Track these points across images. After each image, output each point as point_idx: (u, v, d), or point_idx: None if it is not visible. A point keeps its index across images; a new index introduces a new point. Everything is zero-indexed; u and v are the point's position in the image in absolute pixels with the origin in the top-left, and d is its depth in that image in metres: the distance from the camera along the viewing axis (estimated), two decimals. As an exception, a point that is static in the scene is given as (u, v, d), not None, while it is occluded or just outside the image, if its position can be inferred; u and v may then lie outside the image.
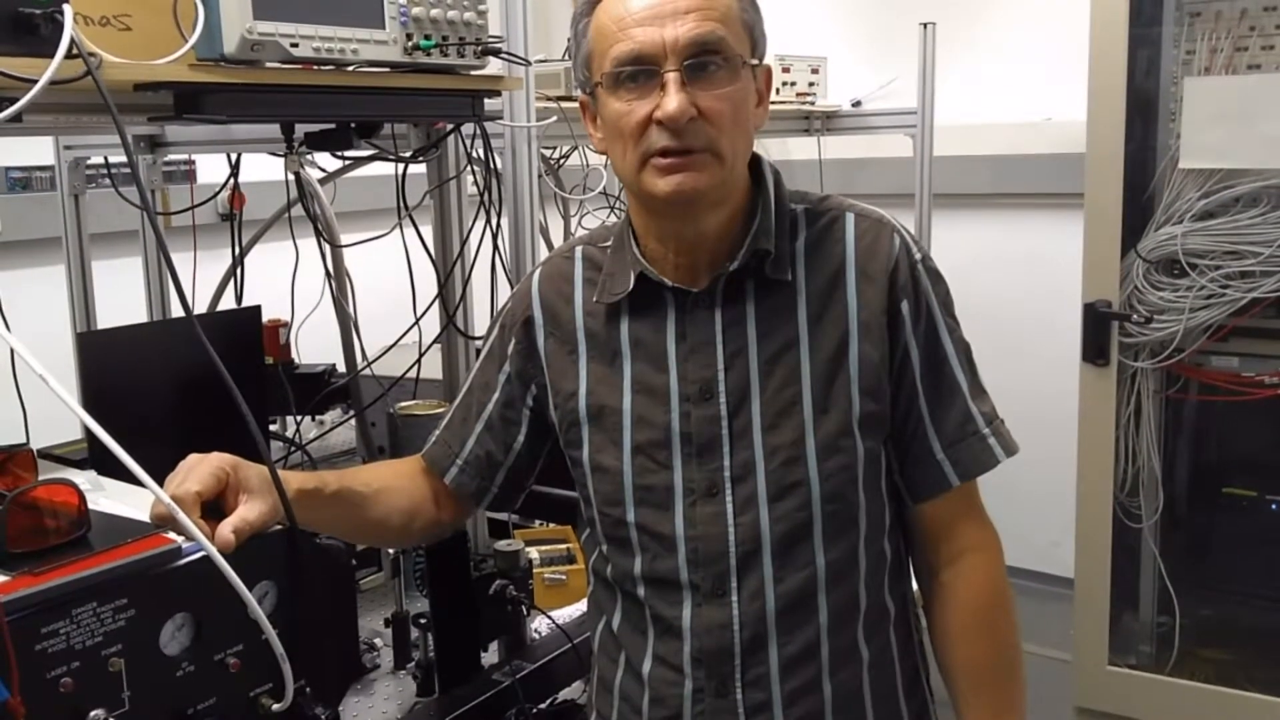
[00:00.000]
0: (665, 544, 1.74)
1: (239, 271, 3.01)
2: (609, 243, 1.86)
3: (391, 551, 2.36)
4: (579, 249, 1.90)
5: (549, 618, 2.47)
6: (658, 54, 1.61)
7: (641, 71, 1.62)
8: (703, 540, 1.72)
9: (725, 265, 1.71)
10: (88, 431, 1.50)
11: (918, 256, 1.76)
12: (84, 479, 1.69)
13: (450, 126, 2.38)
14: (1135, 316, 3.54)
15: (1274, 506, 3.77)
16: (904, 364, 1.74)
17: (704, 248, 1.73)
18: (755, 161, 1.78)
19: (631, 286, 1.76)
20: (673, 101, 1.59)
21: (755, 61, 1.71)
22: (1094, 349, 3.59)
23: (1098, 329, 3.57)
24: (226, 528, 1.49)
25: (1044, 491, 4.13)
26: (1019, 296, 4.80)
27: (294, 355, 3.13)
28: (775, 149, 5.29)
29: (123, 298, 3.27)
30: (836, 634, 1.74)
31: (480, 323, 2.45)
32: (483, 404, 1.94)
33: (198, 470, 1.54)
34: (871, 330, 1.71)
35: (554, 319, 1.86)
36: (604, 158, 4.56)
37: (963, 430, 1.77)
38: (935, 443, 1.76)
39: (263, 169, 2.99)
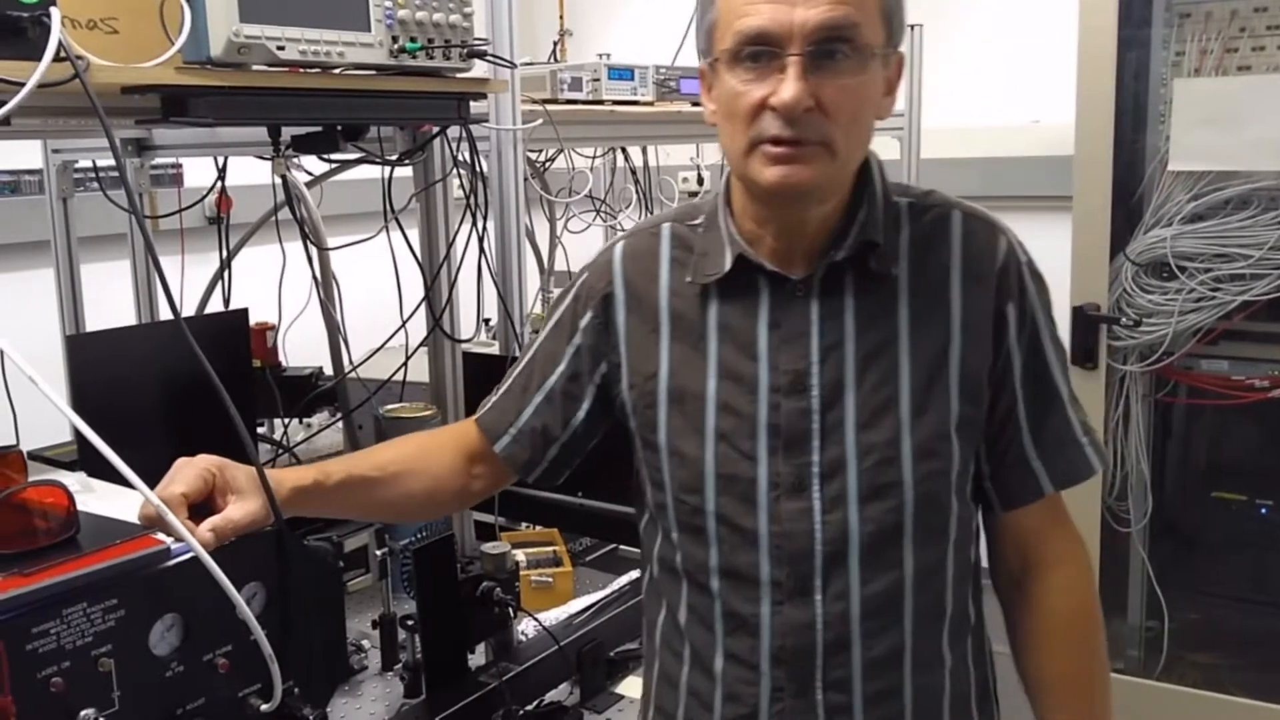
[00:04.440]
0: (747, 537, 1.67)
1: (226, 274, 3.01)
2: (698, 221, 1.77)
3: (379, 553, 2.36)
4: (666, 226, 1.81)
5: (536, 620, 2.47)
6: (783, 35, 1.49)
7: (763, 52, 1.51)
8: (788, 537, 1.65)
9: (830, 254, 1.64)
10: (77, 433, 1.50)
11: (1024, 260, 1.70)
12: (73, 480, 1.68)
13: (436, 129, 2.39)
14: (1124, 320, 3.55)
15: (1263, 511, 3.77)
16: (1006, 369, 1.68)
17: (805, 235, 1.65)
18: None
19: (729, 268, 1.68)
20: (789, 89, 1.49)
21: (890, 50, 1.60)
22: (1082, 352, 3.60)
23: (1086, 332, 3.58)
24: (206, 526, 1.49)
25: (1032, 494, 4.14)
26: (1007, 300, 4.80)
27: (281, 358, 3.12)
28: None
29: (111, 300, 3.27)
30: (921, 638, 1.69)
31: (467, 326, 2.45)
32: (545, 375, 1.86)
33: (183, 472, 1.54)
34: (975, 333, 1.65)
35: (636, 296, 1.78)
36: (605, 159, 4.63)
37: (1061, 437, 1.72)
38: (1031, 449, 1.71)
39: (249, 172, 2.99)
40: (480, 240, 2.51)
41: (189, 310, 2.91)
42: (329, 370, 2.98)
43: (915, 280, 1.66)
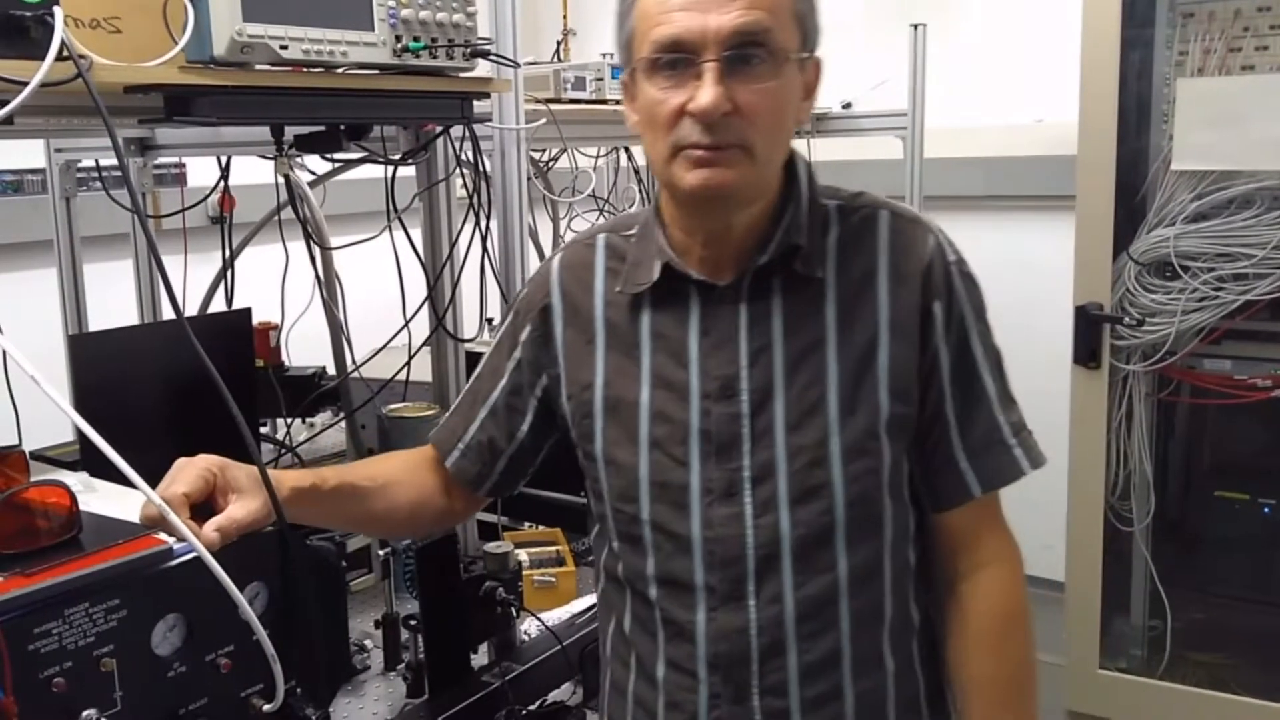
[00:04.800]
0: (680, 544, 1.69)
1: (229, 274, 3.01)
2: (633, 231, 1.80)
3: (382, 553, 2.36)
4: (601, 237, 1.84)
5: (538, 620, 2.47)
6: (697, 42, 1.53)
7: (679, 59, 1.54)
8: (720, 542, 1.67)
9: (754, 259, 1.66)
10: (79, 433, 1.50)
11: (953, 259, 1.71)
12: (76, 480, 1.69)
13: (439, 129, 2.39)
14: (1127, 319, 3.54)
15: (1266, 510, 3.76)
16: (933, 368, 1.69)
17: (731, 241, 1.67)
18: (789, 154, 1.71)
19: (656, 277, 1.70)
20: (706, 94, 1.52)
21: (805, 55, 1.63)
22: (1085, 352, 3.59)
23: (1089, 332, 3.57)
24: (210, 526, 1.49)
25: (1035, 495, 4.10)
26: (1010, 299, 4.77)
27: (284, 358, 3.12)
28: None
29: (114, 300, 3.28)
30: (859, 642, 1.70)
31: (470, 325, 2.45)
32: (489, 390, 1.90)
33: (185, 472, 1.54)
34: (902, 332, 1.66)
35: (573, 307, 1.81)
36: (608, 158, 4.63)
37: (989, 439, 1.72)
38: (960, 451, 1.72)
39: (253, 172, 2.99)
40: (483, 240, 2.51)
41: (192, 310, 2.91)
42: (332, 370, 2.98)
43: (842, 281, 1.68)
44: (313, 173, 2.89)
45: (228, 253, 3.02)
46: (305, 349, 3.16)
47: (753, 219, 1.66)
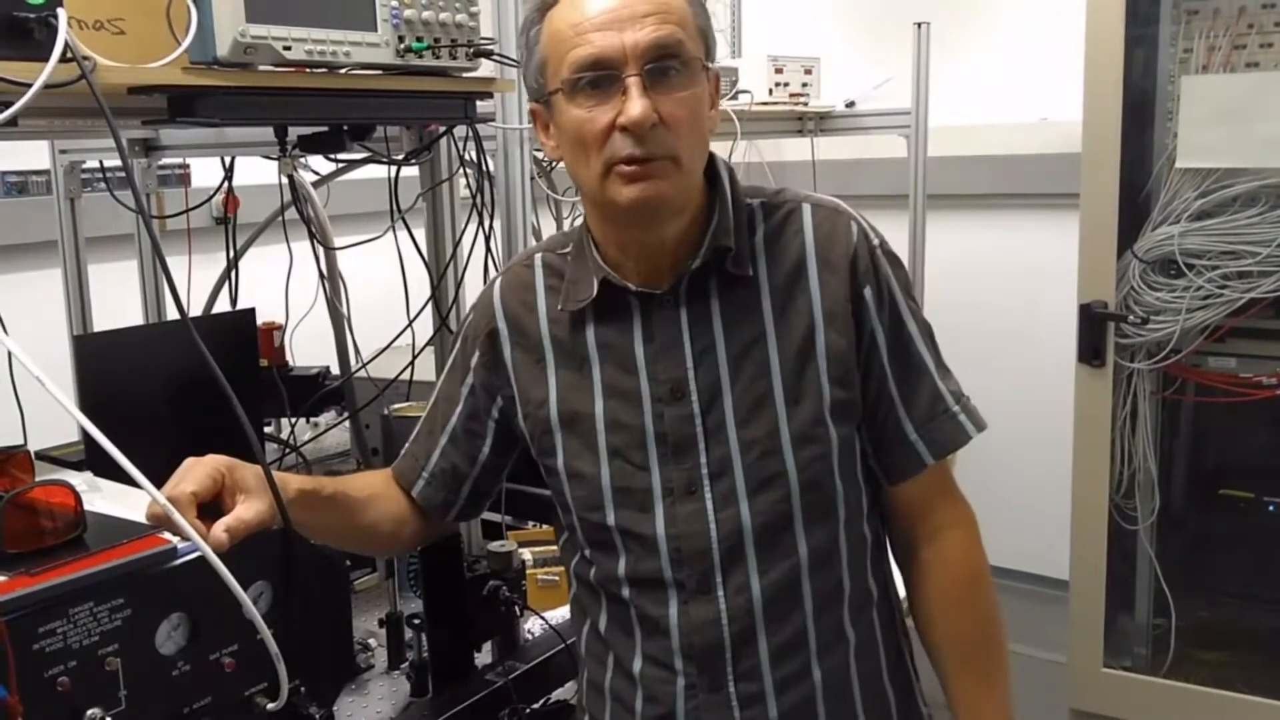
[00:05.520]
0: (647, 545, 1.75)
1: (233, 274, 3.01)
2: (568, 249, 1.85)
3: (387, 552, 2.36)
4: (538, 256, 1.89)
5: (542, 618, 2.47)
6: (618, 58, 1.58)
7: (602, 77, 1.60)
8: (684, 539, 1.72)
9: (687, 264, 1.72)
10: (84, 433, 1.50)
11: (875, 242, 1.76)
12: (81, 480, 1.69)
13: (442, 129, 2.39)
14: (1131, 317, 3.54)
15: (1271, 508, 3.77)
16: (871, 349, 1.75)
17: (665, 252, 1.72)
18: (709, 159, 1.76)
19: (595, 293, 1.75)
20: (636, 106, 1.57)
21: (710, 64, 1.69)
22: (1090, 350, 3.59)
23: (1094, 330, 3.57)
24: (220, 527, 1.49)
25: (1039, 493, 4.14)
26: (1014, 297, 4.80)
27: (288, 358, 3.12)
28: (769, 150, 5.31)
29: (118, 301, 3.28)
30: (822, 619, 1.75)
31: (474, 325, 2.45)
32: (446, 417, 1.94)
33: (193, 472, 1.54)
34: (836, 318, 1.72)
35: (519, 329, 1.85)
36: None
37: (933, 409, 1.78)
38: (908, 424, 1.77)
39: (256, 172, 2.99)
40: (487, 239, 2.51)
41: (196, 310, 2.91)
42: (336, 369, 2.99)
43: (774, 277, 1.74)
44: (316, 173, 2.90)
45: (232, 253, 3.02)
46: (309, 349, 3.16)
47: (683, 226, 1.72)
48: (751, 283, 1.73)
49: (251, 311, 2.63)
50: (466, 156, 2.46)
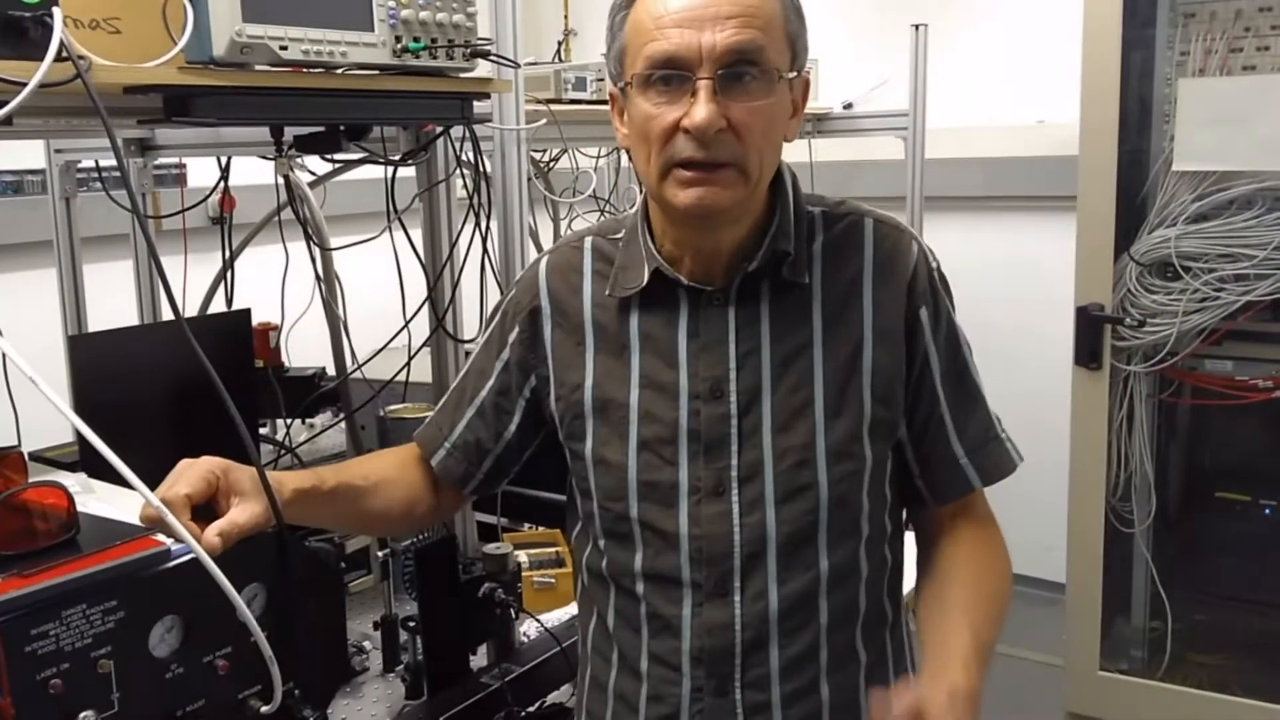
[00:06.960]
0: (668, 540, 1.72)
1: (229, 274, 3.01)
2: (620, 235, 1.83)
3: (380, 554, 2.36)
4: (588, 240, 1.86)
5: (538, 621, 2.47)
6: (692, 59, 1.55)
7: (674, 75, 1.56)
8: (707, 539, 1.70)
9: (743, 265, 1.69)
10: (78, 434, 1.49)
11: (934, 265, 1.76)
12: (74, 481, 1.68)
13: (439, 129, 2.38)
14: (1128, 320, 3.55)
15: (1267, 511, 3.77)
16: (924, 371, 1.73)
17: (720, 253, 1.70)
18: None
19: (646, 282, 1.73)
20: (701, 111, 1.53)
21: (794, 74, 1.64)
22: (1086, 353, 3.60)
23: (1090, 332, 3.58)
24: (213, 531, 1.48)
25: (1036, 496, 4.12)
26: (1011, 300, 4.81)
27: (284, 358, 3.12)
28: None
29: (113, 301, 3.28)
30: (836, 636, 1.73)
31: (470, 326, 2.45)
32: (477, 390, 1.92)
33: (188, 474, 1.53)
34: (887, 337, 1.70)
35: (561, 309, 1.83)
36: (608, 159, 4.63)
37: (984, 436, 1.77)
38: (959, 448, 1.76)
39: (253, 172, 2.99)
40: (484, 240, 2.50)
41: (191, 310, 2.91)
42: (332, 370, 2.98)
43: (828, 287, 1.72)
44: (313, 173, 2.89)
45: (227, 253, 3.01)
46: (305, 350, 3.16)
47: (742, 233, 1.70)
48: (804, 290, 1.71)
49: (247, 312, 2.63)
50: (463, 157, 2.45)
